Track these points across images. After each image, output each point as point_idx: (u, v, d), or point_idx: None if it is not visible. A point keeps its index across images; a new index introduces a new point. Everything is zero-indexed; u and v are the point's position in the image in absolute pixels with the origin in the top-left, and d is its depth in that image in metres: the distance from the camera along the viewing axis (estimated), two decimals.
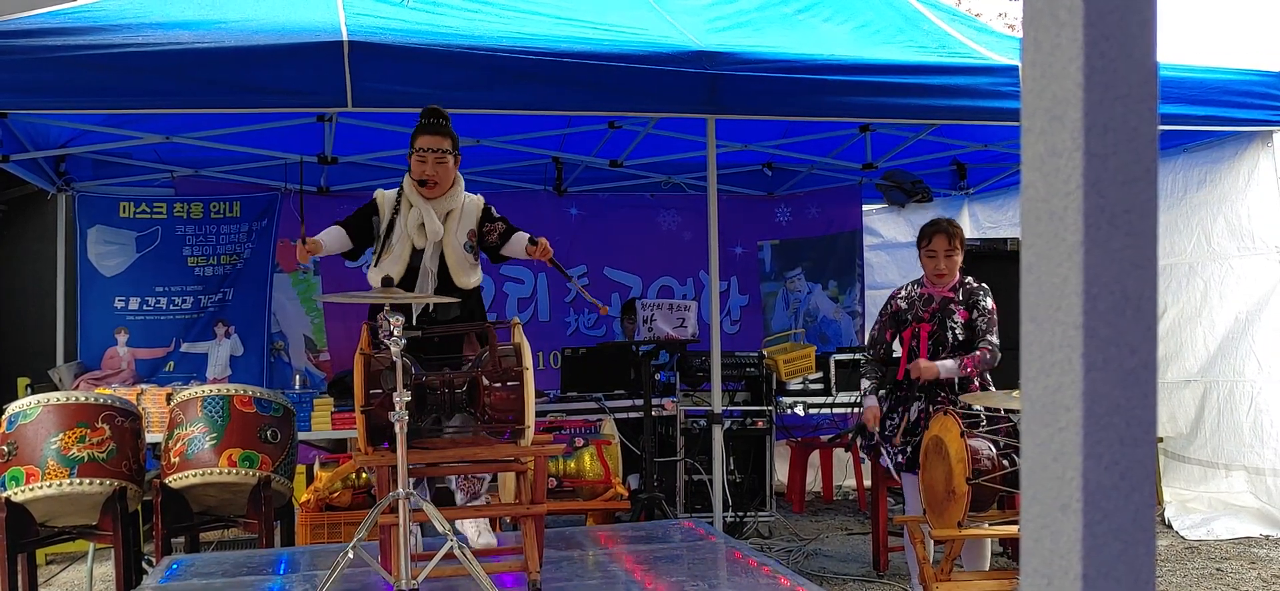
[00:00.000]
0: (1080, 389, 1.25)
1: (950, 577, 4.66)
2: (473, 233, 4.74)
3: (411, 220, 4.62)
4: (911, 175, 8.61)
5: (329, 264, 8.52)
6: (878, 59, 5.81)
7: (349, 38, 5.02)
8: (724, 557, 4.66)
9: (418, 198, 4.63)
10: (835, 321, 9.57)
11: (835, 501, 8.48)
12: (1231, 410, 7.07)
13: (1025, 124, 1.39)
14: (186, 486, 5.01)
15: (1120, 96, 1.26)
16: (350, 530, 5.14)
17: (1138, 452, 1.29)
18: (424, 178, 4.60)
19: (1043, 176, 1.32)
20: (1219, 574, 5.89)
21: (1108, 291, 1.23)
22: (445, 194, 4.68)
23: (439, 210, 4.66)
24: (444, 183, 4.65)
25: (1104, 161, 1.25)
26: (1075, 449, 1.28)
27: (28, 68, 4.88)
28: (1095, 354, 1.25)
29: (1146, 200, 1.25)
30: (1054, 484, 1.35)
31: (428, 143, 4.61)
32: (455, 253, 4.68)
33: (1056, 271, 1.28)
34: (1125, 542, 1.32)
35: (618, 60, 5.36)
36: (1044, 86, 1.35)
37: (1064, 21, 1.34)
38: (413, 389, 3.90)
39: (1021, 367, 1.38)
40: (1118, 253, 1.23)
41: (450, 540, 3.62)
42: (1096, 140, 1.25)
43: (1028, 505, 1.39)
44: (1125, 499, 1.31)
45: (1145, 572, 1.34)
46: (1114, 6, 1.29)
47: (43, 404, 4.88)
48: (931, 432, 4.62)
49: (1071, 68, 1.30)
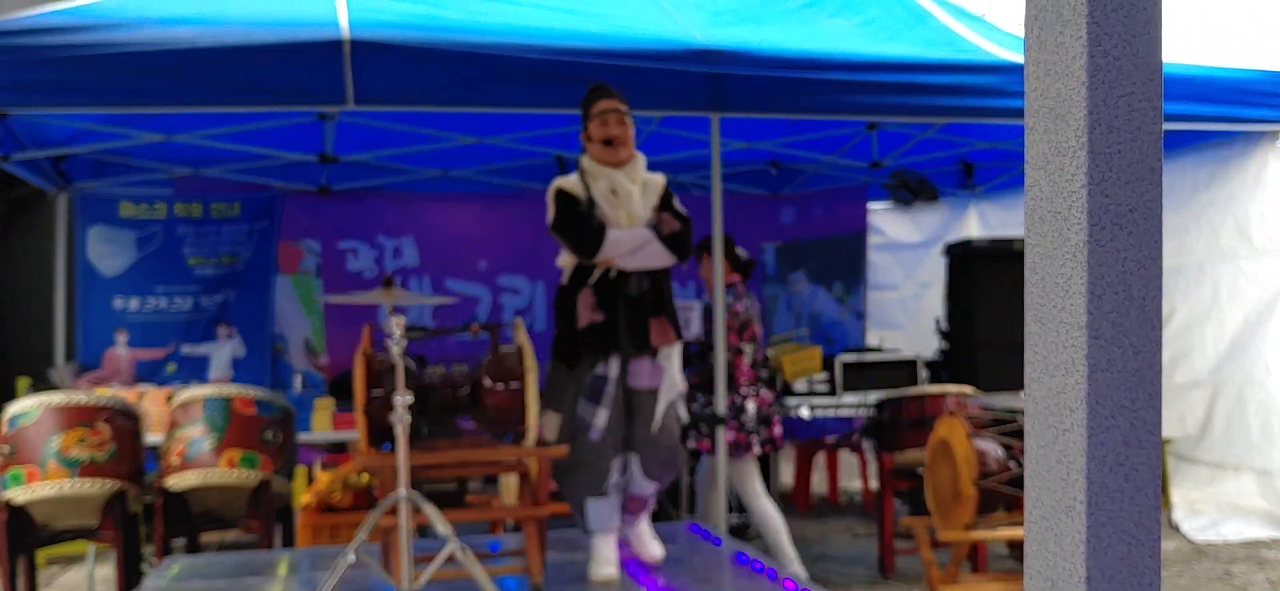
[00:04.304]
0: (1085, 390, 1.23)
1: (957, 580, 4.64)
2: (655, 209, 4.33)
3: (603, 190, 4.25)
4: (918, 174, 8.58)
5: (330, 264, 8.52)
6: (885, 56, 5.78)
7: (350, 36, 5.00)
8: (728, 561, 4.63)
9: (603, 168, 4.27)
10: (841, 323, 9.54)
11: (841, 503, 8.46)
12: (1240, 411, 7.03)
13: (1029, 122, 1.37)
14: (187, 488, 4.99)
15: (1124, 94, 1.24)
16: (351, 532, 5.13)
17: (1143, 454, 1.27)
18: (610, 137, 4.24)
19: (1047, 175, 1.30)
20: (1228, 577, 5.86)
21: (1112, 291, 1.21)
22: (633, 160, 4.32)
23: (628, 177, 4.30)
24: (630, 145, 4.30)
25: (1108, 160, 1.23)
26: (1079, 450, 1.26)
27: (27, 67, 4.87)
28: (1100, 354, 1.23)
29: (1151, 199, 1.23)
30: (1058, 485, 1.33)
31: (608, 105, 4.28)
32: (640, 226, 4.29)
33: (1060, 271, 1.26)
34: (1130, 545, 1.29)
35: (621, 57, 5.34)
36: (1048, 84, 1.33)
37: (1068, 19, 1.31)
38: (414, 389, 3.88)
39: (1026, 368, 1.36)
40: (1122, 252, 1.21)
41: (451, 542, 3.61)
42: (1101, 138, 1.23)
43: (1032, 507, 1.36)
44: (1130, 500, 1.29)
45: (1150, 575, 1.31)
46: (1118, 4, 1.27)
47: (43, 404, 4.87)
48: (938, 435, 4.60)
49: (1075, 66, 1.28)
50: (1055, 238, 1.31)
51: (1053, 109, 1.35)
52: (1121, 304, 1.25)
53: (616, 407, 4.24)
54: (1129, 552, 1.32)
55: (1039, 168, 1.36)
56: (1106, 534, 1.31)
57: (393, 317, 3.66)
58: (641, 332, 4.24)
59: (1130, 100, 1.28)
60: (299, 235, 8.45)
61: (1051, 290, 1.31)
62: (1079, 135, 1.29)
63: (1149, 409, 1.31)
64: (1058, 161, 1.34)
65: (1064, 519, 1.33)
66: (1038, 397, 1.36)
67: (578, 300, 4.26)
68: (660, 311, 4.30)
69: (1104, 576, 1.33)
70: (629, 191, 4.24)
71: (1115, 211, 1.26)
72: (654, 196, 4.34)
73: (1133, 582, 1.36)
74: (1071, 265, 1.28)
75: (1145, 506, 1.33)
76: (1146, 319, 1.27)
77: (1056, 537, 1.35)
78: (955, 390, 6.17)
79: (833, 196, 9.52)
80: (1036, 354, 1.36)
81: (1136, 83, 1.30)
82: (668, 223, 4.29)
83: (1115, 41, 1.30)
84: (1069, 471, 1.34)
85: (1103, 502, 1.31)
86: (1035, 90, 1.40)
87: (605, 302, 4.22)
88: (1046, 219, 1.34)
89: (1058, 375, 1.31)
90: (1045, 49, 1.36)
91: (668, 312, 4.33)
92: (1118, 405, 1.29)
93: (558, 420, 4.28)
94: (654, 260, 4.28)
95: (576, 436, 4.23)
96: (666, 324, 4.31)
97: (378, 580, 4.14)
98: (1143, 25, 1.31)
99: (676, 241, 4.29)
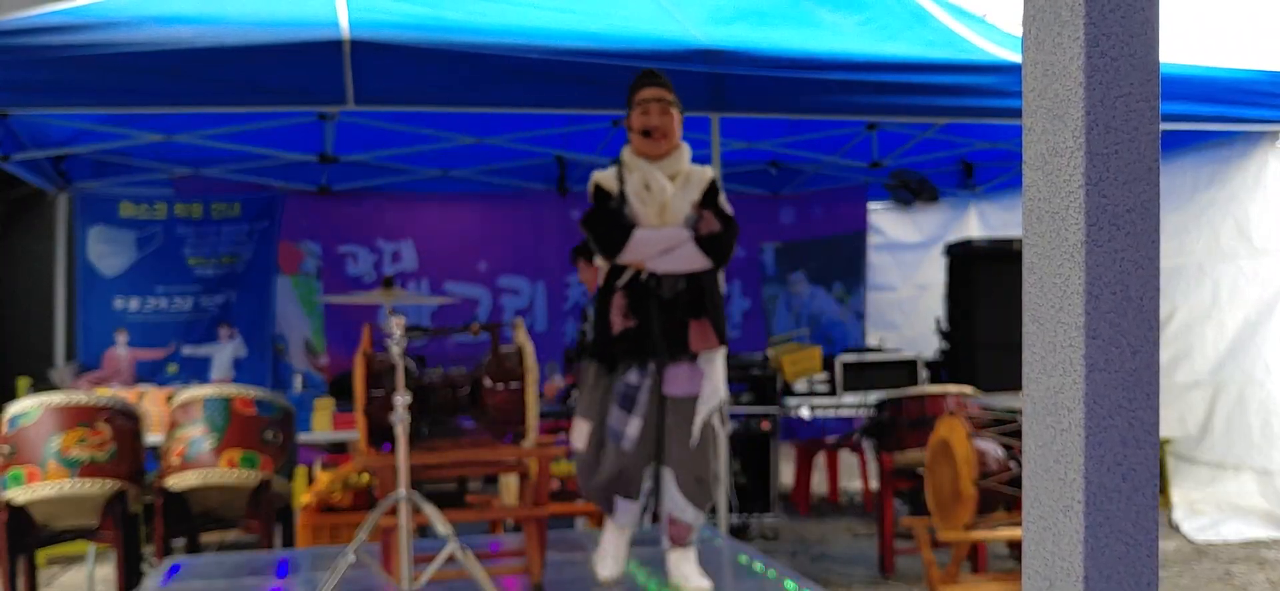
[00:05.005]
0: (1082, 390, 1.23)
1: (957, 580, 4.64)
2: (696, 205, 4.07)
3: (635, 184, 4.03)
4: (918, 174, 8.58)
5: (330, 268, 8.53)
6: (885, 56, 5.78)
7: (350, 36, 5.00)
8: (729, 560, 4.63)
9: (639, 160, 4.07)
10: (841, 323, 9.54)
11: (841, 504, 8.46)
12: (1241, 411, 7.03)
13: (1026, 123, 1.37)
14: (187, 488, 5.00)
15: (1122, 95, 1.24)
16: (351, 532, 5.13)
17: (1140, 454, 1.27)
18: (649, 128, 4.03)
19: (1044, 176, 1.30)
20: (1228, 577, 5.86)
21: (1110, 291, 1.21)
22: (674, 152, 4.10)
23: (665, 170, 4.06)
24: (672, 136, 4.08)
25: (1106, 160, 1.23)
26: (1077, 450, 1.26)
27: (27, 67, 4.88)
28: (1097, 354, 1.23)
29: (1149, 199, 1.23)
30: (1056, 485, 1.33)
31: (651, 94, 4.08)
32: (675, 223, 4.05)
33: (1058, 271, 1.26)
34: (1128, 544, 1.29)
35: (621, 57, 5.34)
36: (1045, 85, 1.33)
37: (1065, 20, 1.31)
38: (413, 390, 3.89)
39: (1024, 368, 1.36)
40: (1120, 252, 1.21)
41: (451, 542, 3.61)
42: (1098, 139, 1.23)
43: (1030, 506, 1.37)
44: (1128, 500, 1.29)
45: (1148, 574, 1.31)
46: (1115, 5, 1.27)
47: (43, 405, 4.87)
48: (938, 435, 4.60)
49: (1073, 66, 1.28)
50: (1053, 238, 1.31)
51: (1050, 109, 1.35)
52: (1119, 304, 1.25)
53: (650, 417, 4.01)
54: (1127, 552, 1.32)
55: (1037, 168, 1.36)
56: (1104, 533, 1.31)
57: (393, 318, 3.67)
58: (679, 337, 4.00)
59: (1128, 101, 1.28)
60: (299, 237, 8.46)
61: (1049, 290, 1.31)
62: (1077, 135, 1.29)
63: (1147, 409, 1.31)
64: (1055, 162, 1.34)
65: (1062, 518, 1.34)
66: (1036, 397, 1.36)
67: (611, 304, 4.03)
68: (701, 313, 4.04)
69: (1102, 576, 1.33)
70: (662, 186, 4.01)
71: (1113, 212, 1.26)
72: (696, 191, 4.07)
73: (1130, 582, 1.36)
74: (1069, 265, 1.28)
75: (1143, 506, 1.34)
76: (1144, 319, 1.27)
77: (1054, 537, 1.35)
78: (955, 390, 6.17)
79: (833, 196, 9.53)
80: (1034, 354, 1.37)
81: (1134, 83, 1.30)
82: (707, 222, 4.03)
83: (1113, 42, 1.30)
84: (1067, 471, 1.34)
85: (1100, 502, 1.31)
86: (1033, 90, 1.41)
87: (637, 306, 4.00)
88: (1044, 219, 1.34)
89: (1055, 375, 1.31)
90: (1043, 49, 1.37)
91: (710, 315, 4.06)
92: (1115, 405, 1.29)
93: (588, 428, 4.08)
94: (686, 263, 4.02)
95: (606, 445, 4.04)
96: (708, 327, 4.04)
97: (378, 580, 4.14)
98: (1140, 26, 1.31)
99: (713, 244, 4.02)
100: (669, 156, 4.06)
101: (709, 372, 4.08)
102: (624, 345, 4.00)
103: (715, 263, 4.04)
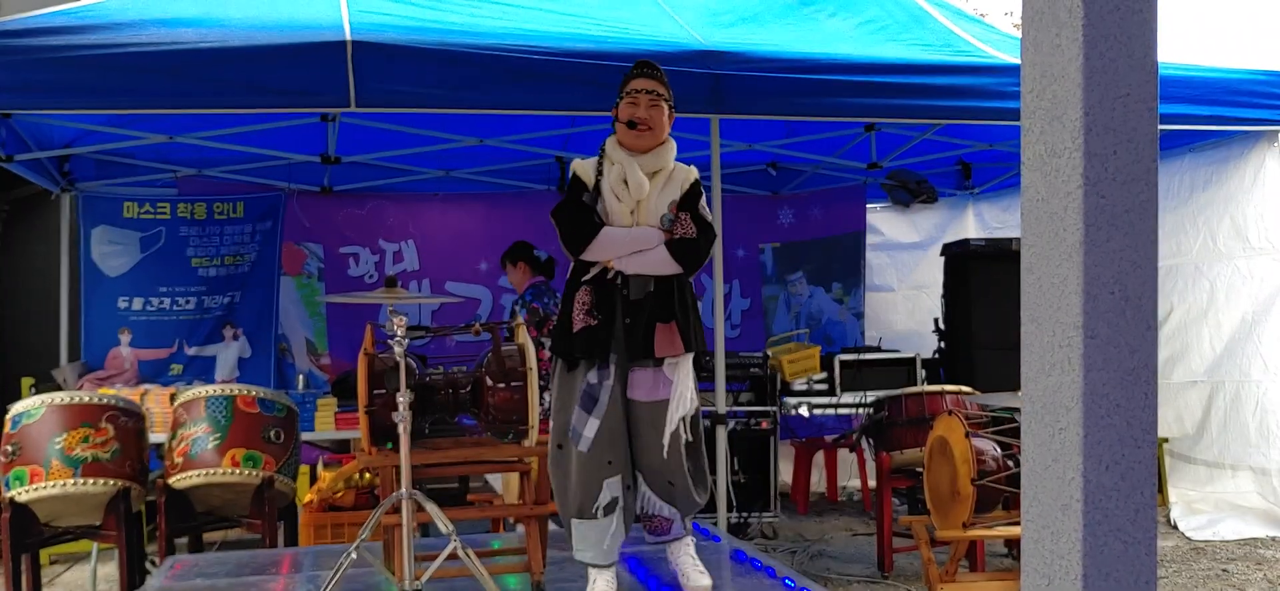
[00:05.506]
0: (1080, 389, 1.25)
1: (955, 578, 4.66)
2: (674, 205, 3.86)
3: (613, 178, 3.83)
4: (916, 175, 8.60)
5: (332, 269, 8.54)
6: (884, 58, 5.79)
7: (352, 37, 5.02)
8: (728, 559, 4.65)
9: (622, 152, 3.86)
10: (840, 323, 9.55)
11: (840, 502, 8.47)
12: (1238, 411, 7.05)
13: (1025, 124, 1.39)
14: (190, 486, 5.01)
15: (1120, 96, 1.26)
16: (353, 531, 5.15)
17: (1138, 453, 1.29)
18: (635, 119, 3.81)
19: (1043, 176, 1.32)
20: (1225, 575, 5.88)
21: (1108, 291, 1.23)
22: (658, 148, 3.88)
23: (646, 167, 3.84)
24: (658, 131, 3.86)
25: (1104, 161, 1.24)
26: (1075, 449, 1.28)
27: (30, 68, 4.88)
28: (1095, 354, 1.24)
29: (1146, 200, 1.25)
30: (1054, 484, 1.35)
31: (642, 85, 3.88)
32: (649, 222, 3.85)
33: (1056, 271, 1.27)
34: (1126, 542, 1.31)
35: (621, 58, 5.34)
36: (1044, 86, 1.35)
37: (1064, 22, 1.33)
38: (415, 389, 3.90)
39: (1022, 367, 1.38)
40: (1118, 253, 1.23)
41: (453, 540, 3.63)
42: (1096, 140, 1.25)
43: (1028, 505, 1.38)
44: (1126, 499, 1.31)
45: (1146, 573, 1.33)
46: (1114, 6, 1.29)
47: (47, 404, 4.89)
48: (936, 433, 4.62)
49: (1071, 67, 1.30)
50: (1051, 238, 1.32)
51: (1049, 110, 1.37)
52: (1117, 304, 1.26)
53: (611, 420, 3.77)
54: (1125, 550, 1.34)
55: (1035, 169, 1.37)
56: (1102, 531, 1.33)
57: (394, 317, 3.68)
58: (645, 340, 3.78)
59: (1126, 102, 1.29)
60: (301, 238, 8.47)
61: (1047, 290, 1.32)
62: (1075, 136, 1.30)
63: (1144, 408, 1.32)
64: (1054, 163, 1.35)
65: (1060, 516, 1.35)
66: (1034, 397, 1.37)
67: (574, 300, 3.83)
68: (670, 317, 3.81)
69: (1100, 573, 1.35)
70: (640, 182, 3.79)
71: (1111, 212, 1.27)
72: (676, 191, 3.87)
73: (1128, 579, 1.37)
74: (1067, 265, 1.29)
75: (1141, 504, 1.35)
76: (1142, 319, 1.28)
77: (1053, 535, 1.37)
78: (953, 389, 6.19)
79: (831, 197, 9.53)
80: (1033, 353, 1.38)
81: (1132, 85, 1.31)
82: (684, 226, 3.83)
83: (1111, 44, 1.31)
84: (1065, 470, 1.36)
85: (1099, 501, 1.32)
86: (1031, 92, 1.42)
87: (601, 304, 3.79)
88: (1042, 220, 1.35)
89: (1054, 374, 1.32)
90: (1041, 51, 1.38)
91: (680, 319, 3.83)
92: (1113, 404, 1.30)
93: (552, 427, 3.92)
94: (656, 266, 3.81)
95: (564, 445, 3.83)
96: (675, 332, 3.81)
97: (380, 578, 4.16)
98: (1138, 28, 1.32)
99: (685, 249, 3.81)
100: (652, 151, 3.87)
101: (676, 379, 3.86)
102: (582, 343, 3.79)
103: (686, 269, 3.85)
